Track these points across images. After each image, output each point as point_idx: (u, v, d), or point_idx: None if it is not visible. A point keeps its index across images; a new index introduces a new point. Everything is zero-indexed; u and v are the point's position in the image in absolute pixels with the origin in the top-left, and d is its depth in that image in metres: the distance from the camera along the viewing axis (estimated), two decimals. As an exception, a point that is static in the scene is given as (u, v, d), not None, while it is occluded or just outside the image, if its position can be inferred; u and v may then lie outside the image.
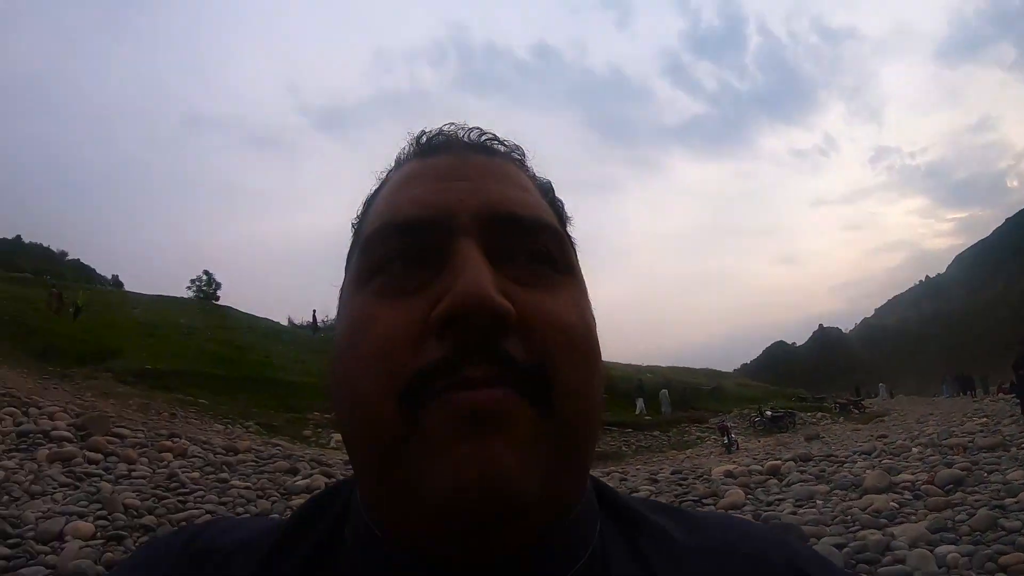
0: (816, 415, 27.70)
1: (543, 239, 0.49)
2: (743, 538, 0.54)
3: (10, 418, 10.45)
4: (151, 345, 22.66)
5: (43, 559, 6.04)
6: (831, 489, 8.33)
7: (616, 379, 27.57)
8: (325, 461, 10.66)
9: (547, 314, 0.46)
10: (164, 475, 8.79)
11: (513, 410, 0.42)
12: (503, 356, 0.43)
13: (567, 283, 0.50)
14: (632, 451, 19.23)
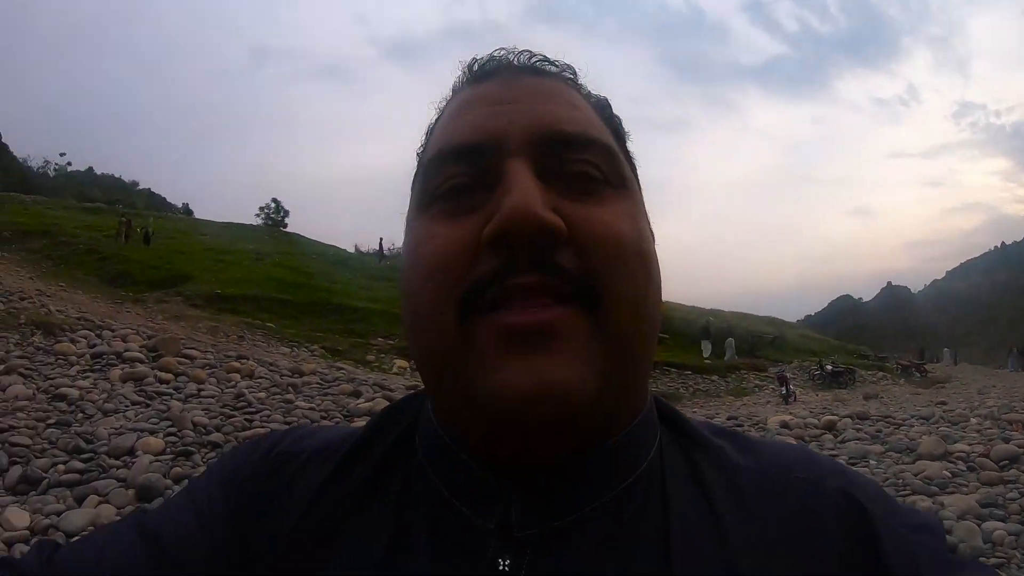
0: (877, 374, 27.23)
1: (593, 155, 0.51)
2: (798, 463, 0.55)
3: (84, 340, 10.96)
4: (220, 270, 23.37)
5: (114, 473, 6.35)
6: (885, 450, 8.23)
7: (678, 320, 27.30)
8: (387, 386, 10.85)
9: (598, 226, 0.48)
10: (232, 395, 9.10)
11: (565, 325, 0.46)
12: (553, 267, 0.46)
13: (620, 196, 0.51)
14: (689, 394, 19.08)
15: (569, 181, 0.50)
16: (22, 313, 11.97)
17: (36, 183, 63.34)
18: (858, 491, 0.53)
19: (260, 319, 17.73)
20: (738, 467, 0.54)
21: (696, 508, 0.51)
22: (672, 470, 0.53)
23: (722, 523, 0.50)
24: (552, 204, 0.47)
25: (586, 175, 0.50)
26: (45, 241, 24.58)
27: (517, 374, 0.45)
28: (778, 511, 0.51)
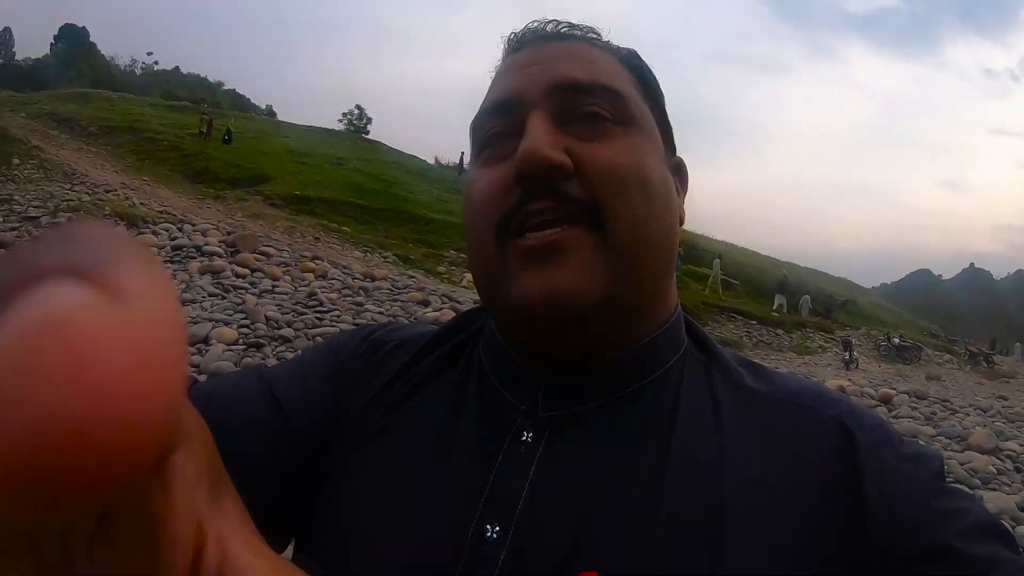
0: (943, 356, 26.42)
1: (601, 98, 0.60)
2: (807, 392, 0.61)
3: (166, 233, 11.40)
4: (300, 173, 23.83)
5: (189, 359, 6.64)
6: (936, 434, 8.03)
7: (750, 268, 26.67)
8: (455, 298, 10.96)
9: (600, 160, 0.58)
10: (304, 293, 9.36)
11: (572, 242, 0.56)
12: (562, 195, 0.57)
13: (627, 132, 0.60)
14: (752, 344, 18.79)
15: (582, 122, 0.60)
16: (107, 205, 12.52)
17: (123, 81, 65.33)
18: (853, 421, 0.57)
19: (336, 222, 18.09)
20: (750, 389, 0.60)
21: (703, 416, 0.59)
22: (689, 380, 0.61)
23: (722, 432, 0.57)
24: (564, 144, 0.58)
25: (595, 115, 0.60)
26: (131, 137, 25.46)
27: (533, 283, 0.56)
28: (774, 428, 0.57)
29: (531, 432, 0.60)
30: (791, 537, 0.52)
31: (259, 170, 22.83)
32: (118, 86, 53.88)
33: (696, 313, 19.33)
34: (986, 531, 0.51)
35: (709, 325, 18.95)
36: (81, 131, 25.51)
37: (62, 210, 11.68)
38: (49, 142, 21.12)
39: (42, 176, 15.69)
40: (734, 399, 0.60)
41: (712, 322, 19.43)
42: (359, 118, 63.00)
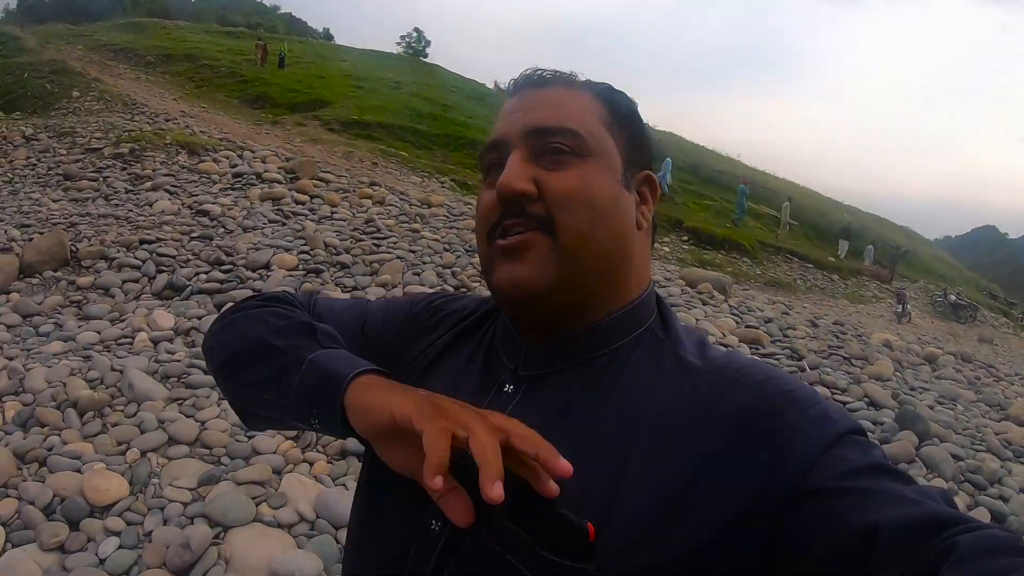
0: (999, 319, 25.30)
1: (562, 137, 0.79)
2: (736, 367, 0.75)
3: (226, 160, 11.60)
4: (358, 97, 23.82)
5: (251, 284, 6.84)
6: (976, 400, 7.73)
7: (810, 210, 25.77)
8: (511, 223, 10.94)
9: (555, 185, 0.78)
10: (362, 219, 9.47)
11: (531, 244, 0.77)
12: (527, 213, 0.77)
13: (581, 163, 0.79)
14: (805, 287, 18.28)
15: (549, 155, 0.79)
16: (168, 134, 12.76)
17: (178, 9, 65.49)
18: (771, 387, 0.71)
19: (394, 147, 18.11)
20: (689, 362, 0.76)
21: (643, 379, 0.76)
22: (641, 351, 0.79)
23: (655, 391, 0.74)
24: (532, 174, 0.78)
25: (557, 150, 0.79)
26: (187, 65, 25.75)
27: (504, 274, 0.78)
28: (698, 390, 0.73)
29: (512, 385, 0.82)
30: (684, 467, 0.68)
31: (316, 95, 22.92)
32: (172, 14, 54.15)
33: (752, 251, 18.98)
34: (870, 470, 0.63)
35: (764, 265, 18.60)
36: (138, 61, 25.90)
37: (124, 141, 11.94)
38: (107, 73, 21.54)
39: (102, 107, 16.06)
40: (673, 369, 0.76)
41: (767, 262, 19.06)
42: (417, 41, 62.20)
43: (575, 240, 0.76)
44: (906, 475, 0.64)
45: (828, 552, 0.59)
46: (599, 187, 0.79)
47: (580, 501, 0.66)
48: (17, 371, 4.94)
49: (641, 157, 0.86)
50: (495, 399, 0.81)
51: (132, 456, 4.04)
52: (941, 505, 0.59)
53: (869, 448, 0.66)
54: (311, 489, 3.94)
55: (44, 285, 6.86)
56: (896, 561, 0.54)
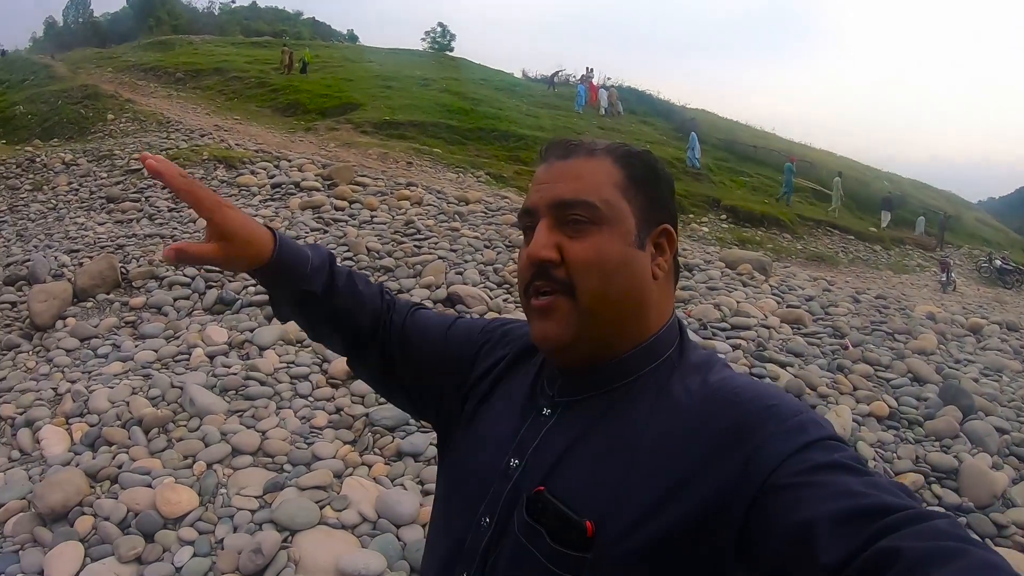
0: None
1: (578, 210, 0.94)
2: (729, 390, 0.88)
3: (264, 172, 11.89)
4: (388, 97, 24.03)
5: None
6: (1023, 370, 7.62)
7: (850, 179, 25.26)
8: (548, 216, 10.98)
9: (574, 254, 0.93)
10: (402, 221, 9.65)
11: (556, 305, 0.94)
12: (552, 277, 0.94)
13: (595, 231, 0.93)
14: (848, 260, 18.06)
15: (569, 224, 0.94)
16: (204, 149, 13.10)
17: (203, 23, 66.68)
18: (755, 405, 0.83)
19: (427, 144, 18.29)
20: (691, 389, 0.90)
21: (650, 406, 0.91)
22: (655, 381, 0.94)
23: (657, 417, 0.89)
24: (556, 241, 0.94)
25: (576, 220, 0.94)
26: (217, 78, 26.22)
27: (537, 329, 0.97)
28: (693, 413, 0.87)
29: (549, 409, 1.00)
30: (674, 476, 0.82)
31: (346, 98, 23.19)
32: (198, 29, 55.21)
33: (792, 226, 18.77)
34: (827, 467, 0.74)
35: (804, 240, 18.38)
36: (168, 78, 26.48)
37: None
38: (139, 93, 22.10)
39: (137, 128, 16.52)
40: (677, 394, 0.90)
41: (808, 236, 18.85)
42: (442, 35, 62.78)
43: (591, 301, 0.93)
44: (865, 470, 0.75)
45: (778, 547, 0.71)
46: (611, 253, 0.94)
47: (588, 502, 0.87)
48: (80, 393, 5.21)
49: (658, 213, 1.00)
50: (535, 420, 1.01)
51: (199, 468, 4.26)
52: (887, 496, 0.69)
53: (836, 450, 0.77)
54: (371, 491, 4.11)
55: (98, 308, 7.16)
56: (831, 553, 0.65)
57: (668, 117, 31.77)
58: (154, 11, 63.32)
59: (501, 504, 0.96)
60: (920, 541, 0.61)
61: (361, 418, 4.98)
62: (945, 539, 0.61)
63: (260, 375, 5.42)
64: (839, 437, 0.80)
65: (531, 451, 0.97)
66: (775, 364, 6.43)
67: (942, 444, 5.37)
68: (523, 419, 1.02)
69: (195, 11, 78.29)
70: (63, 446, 4.59)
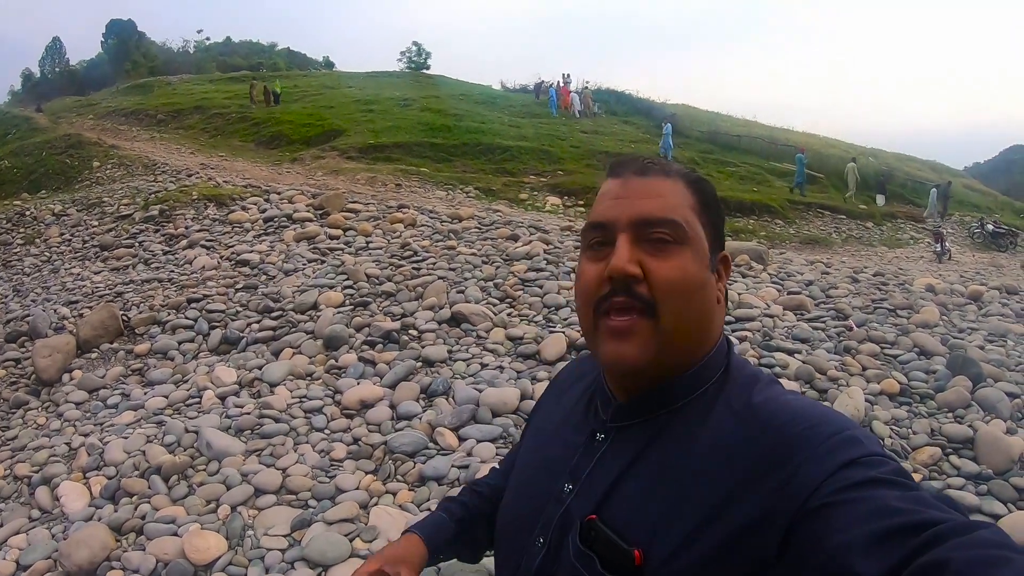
0: None
1: (665, 227, 0.93)
2: (772, 411, 0.88)
3: (255, 206, 11.85)
4: (370, 121, 24.16)
5: (303, 327, 7.03)
6: None
7: (834, 158, 25.58)
8: (542, 227, 10.92)
9: (659, 272, 0.91)
10: (398, 245, 9.62)
11: (636, 327, 0.91)
12: (634, 294, 0.91)
13: (681, 250, 0.93)
14: (841, 239, 18.19)
15: (653, 242, 0.93)
16: (193, 189, 13.07)
17: (179, 63, 66.78)
18: (795, 427, 0.83)
19: (414, 164, 18.33)
20: (735, 411, 0.91)
21: (696, 430, 0.92)
22: (702, 405, 0.94)
23: (703, 442, 0.90)
24: (638, 258, 0.92)
25: (660, 239, 0.93)
26: (198, 116, 26.34)
27: (611, 351, 0.93)
28: (735, 438, 0.87)
29: (602, 434, 1.02)
30: (717, 499, 0.83)
31: (329, 125, 23.27)
32: (174, 69, 55.28)
33: (783, 211, 18.86)
34: (866, 483, 0.74)
35: (796, 224, 18.48)
36: (150, 120, 26.58)
37: (152, 203, 12.27)
38: (122, 138, 22.12)
39: (124, 173, 16.49)
40: (722, 417, 0.91)
41: (799, 220, 18.97)
42: (418, 54, 62.77)
43: (674, 322, 0.92)
44: (906, 483, 0.74)
45: (817, 571, 0.71)
46: (694, 275, 0.94)
47: (637, 530, 0.89)
48: (95, 446, 5.17)
49: (720, 239, 1.02)
50: (588, 446, 1.03)
51: (223, 512, 4.22)
52: (928, 510, 0.68)
53: (876, 466, 0.76)
54: (399, 519, 4.08)
55: (103, 358, 7.12)
56: (870, 572, 0.65)
57: (648, 115, 32.00)
58: (130, 55, 63.46)
59: (553, 527, 0.99)
60: (965, 551, 0.61)
61: (380, 446, 4.95)
62: (990, 548, 0.61)
63: (274, 412, 5.39)
64: (882, 452, 0.81)
65: (585, 477, 0.99)
66: (783, 352, 6.40)
67: (955, 415, 5.34)
68: (576, 444, 1.04)
69: (170, 51, 78.46)
70: (83, 501, 4.56)
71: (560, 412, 1.16)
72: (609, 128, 27.65)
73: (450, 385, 5.69)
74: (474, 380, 5.79)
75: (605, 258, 0.95)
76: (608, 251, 0.95)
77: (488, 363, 6.15)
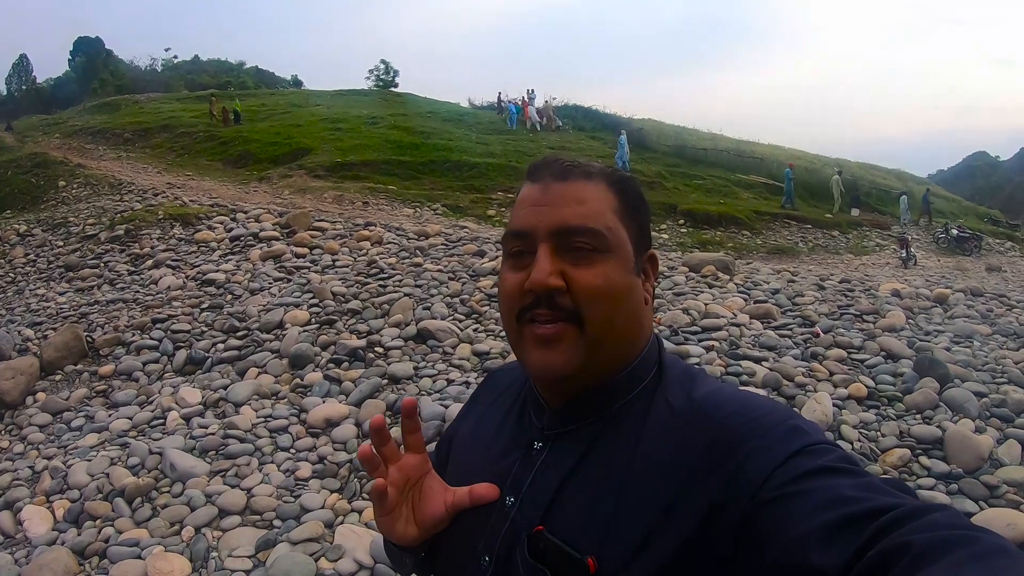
0: (1005, 244, 25.30)
1: (586, 236, 0.91)
2: (716, 404, 0.87)
3: (221, 226, 11.80)
4: (337, 139, 24.06)
5: (268, 346, 7.00)
6: (992, 332, 7.84)
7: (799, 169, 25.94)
8: (510, 243, 11.01)
9: (581, 282, 0.90)
10: (364, 262, 9.64)
11: (561, 335, 0.90)
12: (556, 305, 0.90)
13: (602, 259, 0.91)
14: (808, 249, 18.45)
15: (573, 251, 0.90)
16: (159, 208, 12.97)
17: (147, 81, 66.16)
18: (740, 419, 0.82)
19: (381, 183, 18.30)
20: (674, 407, 0.89)
21: (636, 430, 0.90)
22: (639, 405, 0.93)
23: (644, 441, 0.88)
24: (559, 268, 0.90)
25: (581, 248, 0.90)
26: (165, 135, 26.07)
27: (537, 359, 0.92)
28: (678, 434, 0.86)
29: (540, 443, 0.98)
30: (665, 498, 0.81)
31: (297, 144, 23.16)
32: (142, 87, 54.79)
33: (749, 222, 19.12)
34: (817, 472, 0.73)
35: (763, 234, 18.74)
36: (116, 140, 26.25)
37: (118, 223, 12.15)
38: (88, 157, 21.84)
39: (90, 192, 16.29)
40: (661, 414, 0.90)
41: (766, 231, 19.18)
42: (386, 72, 62.69)
43: (599, 331, 0.90)
44: (856, 470, 0.74)
45: (774, 565, 0.68)
46: (617, 282, 0.92)
47: (587, 537, 0.86)
48: (59, 469, 5.11)
49: (646, 239, 0.99)
50: (526, 455, 0.99)
51: (187, 534, 4.20)
52: (881, 497, 0.67)
53: (824, 454, 0.75)
54: (364, 537, 4.08)
55: (67, 380, 7.03)
56: (829, 562, 0.63)
57: (616, 130, 32.20)
58: (97, 73, 62.59)
59: (499, 542, 0.94)
60: (924, 533, 0.59)
61: (345, 464, 4.95)
62: (949, 528, 0.60)
63: (239, 432, 5.36)
64: (827, 440, 0.79)
65: (526, 488, 0.95)
66: (750, 360, 6.50)
67: (923, 416, 5.44)
68: (513, 455, 1.01)
69: (138, 70, 77.54)
70: (46, 525, 4.50)
71: (491, 424, 1.11)
72: (577, 144, 27.78)
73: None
74: (440, 396, 5.81)
75: (527, 267, 0.92)
76: (529, 260, 0.93)
77: (454, 379, 6.18)
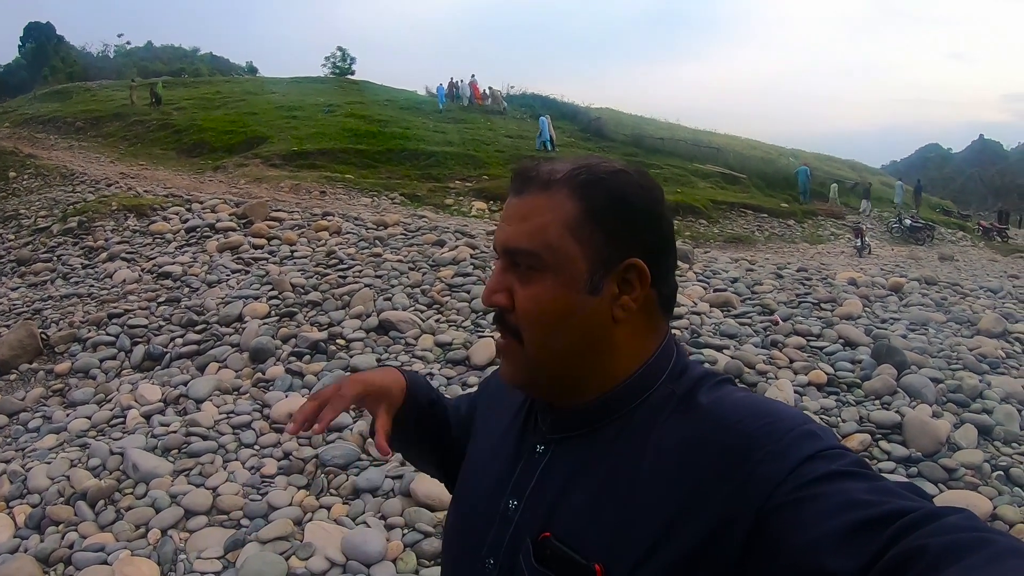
0: (957, 234, 26.15)
1: (525, 256, 0.89)
2: (726, 408, 0.83)
3: (176, 217, 11.46)
4: (294, 128, 23.64)
5: (228, 339, 6.83)
6: (947, 320, 7.98)
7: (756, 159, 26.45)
8: (468, 232, 10.90)
9: (521, 302, 0.90)
10: (323, 253, 9.44)
11: (509, 348, 0.94)
12: (504, 322, 0.93)
13: (539, 279, 0.89)
14: (764, 238, 18.76)
15: (518, 268, 0.90)
16: (113, 199, 12.55)
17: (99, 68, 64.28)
18: (751, 426, 0.78)
19: (338, 172, 18.05)
20: (685, 413, 0.85)
21: (644, 437, 0.86)
22: (648, 411, 0.88)
23: (653, 447, 0.84)
24: (508, 284, 0.91)
25: (522, 266, 0.90)
26: (118, 124, 25.31)
27: (499, 367, 0.99)
28: (687, 441, 0.82)
29: (542, 446, 0.96)
30: (673, 505, 0.78)
31: (252, 132, 22.68)
32: (94, 74, 53.18)
33: (706, 211, 19.30)
34: (829, 477, 0.70)
35: (720, 223, 18.97)
36: (68, 128, 25.41)
37: (70, 215, 11.75)
38: (39, 147, 21.07)
39: (41, 184, 15.71)
40: (671, 420, 0.85)
41: (723, 220, 19.43)
42: (342, 59, 61.59)
43: (535, 351, 0.91)
44: (868, 474, 0.71)
45: (788, 571, 0.66)
46: (551, 304, 0.89)
47: (594, 543, 0.83)
48: (17, 473, 4.91)
49: (622, 247, 0.89)
50: (529, 458, 0.97)
51: (153, 537, 4.07)
52: (896, 500, 0.66)
53: (836, 459, 0.72)
54: (335, 534, 4.01)
55: (22, 379, 6.78)
56: (844, 568, 0.61)
57: (573, 119, 32.23)
58: (48, 60, 60.56)
59: (504, 547, 0.93)
60: (940, 537, 0.58)
61: (311, 460, 4.85)
62: (965, 532, 0.59)
63: (201, 429, 5.21)
64: (841, 445, 0.77)
65: (529, 491, 0.93)
66: (711, 348, 6.53)
67: (882, 402, 5.51)
68: (517, 457, 0.99)
69: (90, 56, 75.28)
70: (7, 532, 4.31)
71: (498, 423, 1.09)
72: (535, 132, 27.75)
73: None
74: (403, 389, 5.71)
75: None
76: None
77: (418, 370, 6.09)
